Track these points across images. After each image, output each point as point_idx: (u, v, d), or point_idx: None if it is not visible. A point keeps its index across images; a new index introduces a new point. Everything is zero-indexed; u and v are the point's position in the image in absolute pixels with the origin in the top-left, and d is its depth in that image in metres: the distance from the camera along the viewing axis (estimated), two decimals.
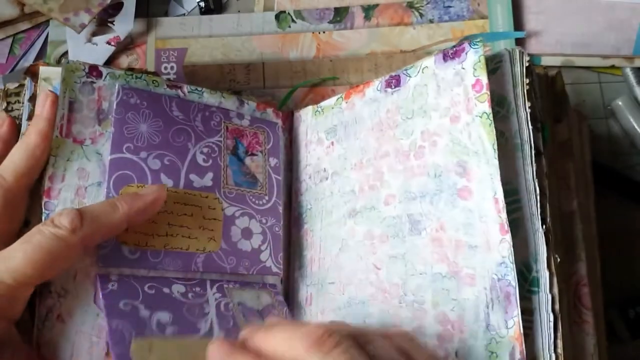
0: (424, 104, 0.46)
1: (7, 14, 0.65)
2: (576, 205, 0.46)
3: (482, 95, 0.43)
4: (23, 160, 0.43)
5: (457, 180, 0.43)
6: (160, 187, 0.44)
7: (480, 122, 0.42)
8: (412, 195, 0.45)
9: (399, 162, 0.46)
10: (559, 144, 0.48)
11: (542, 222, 0.41)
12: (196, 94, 0.50)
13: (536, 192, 0.41)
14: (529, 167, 0.42)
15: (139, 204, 0.42)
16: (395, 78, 0.48)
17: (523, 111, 0.43)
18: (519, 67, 0.44)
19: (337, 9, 0.65)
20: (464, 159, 0.43)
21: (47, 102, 0.45)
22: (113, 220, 0.41)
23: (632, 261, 0.57)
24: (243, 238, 0.48)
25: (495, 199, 0.41)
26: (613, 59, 0.61)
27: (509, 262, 0.39)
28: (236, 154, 0.50)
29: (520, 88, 0.44)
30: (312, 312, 0.48)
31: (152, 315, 0.41)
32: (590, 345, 0.42)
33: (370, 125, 0.49)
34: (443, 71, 0.45)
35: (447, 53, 0.45)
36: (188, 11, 0.67)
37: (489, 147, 0.42)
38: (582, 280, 0.43)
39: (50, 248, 0.38)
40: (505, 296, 0.39)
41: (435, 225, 0.43)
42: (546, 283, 0.40)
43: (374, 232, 0.46)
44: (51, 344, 0.41)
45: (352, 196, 0.49)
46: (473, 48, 0.44)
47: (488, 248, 0.41)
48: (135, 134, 0.46)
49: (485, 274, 0.40)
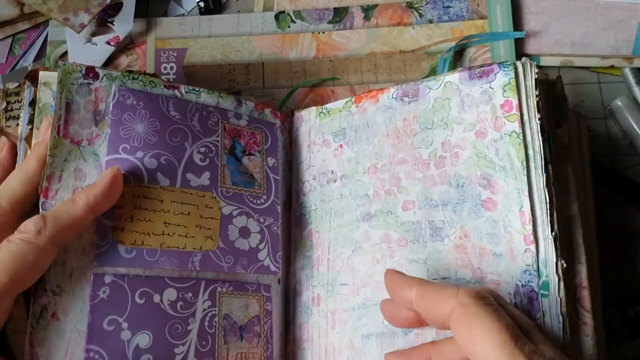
0: (445, 116, 0.48)
1: (7, 14, 0.65)
2: (576, 210, 0.46)
3: (512, 116, 0.45)
4: (20, 186, 0.43)
5: (481, 191, 0.45)
6: (111, 168, 0.44)
7: (510, 140, 0.45)
8: (434, 203, 0.47)
9: (417, 169, 0.48)
10: (559, 148, 0.48)
11: (551, 229, 0.43)
12: (193, 94, 0.50)
13: (546, 201, 0.43)
14: (540, 177, 0.44)
15: (96, 190, 0.42)
16: (414, 89, 0.50)
17: (535, 123, 0.45)
18: (531, 80, 0.46)
19: (336, 9, 0.65)
20: (489, 173, 0.45)
21: (48, 129, 0.45)
22: (75, 213, 0.41)
23: (631, 261, 0.57)
24: (241, 237, 0.48)
25: (521, 212, 0.43)
26: (612, 59, 0.61)
27: (532, 270, 0.42)
28: (233, 154, 0.50)
29: (532, 100, 0.45)
30: (320, 312, 0.49)
31: (133, 338, 0.42)
32: (589, 346, 0.43)
33: (385, 131, 0.50)
34: (468, 88, 0.47)
35: (474, 73, 0.47)
36: (187, 11, 0.67)
37: (518, 164, 0.44)
38: (582, 283, 0.44)
39: (21, 253, 0.39)
40: (528, 301, 0.42)
41: (459, 233, 0.45)
42: (556, 287, 0.42)
43: (391, 236, 0.47)
44: (45, 341, 0.41)
45: (366, 200, 0.49)
46: (503, 70, 0.46)
47: (512, 257, 0.43)
48: (132, 135, 0.46)
49: (510, 280, 0.43)
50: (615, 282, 0.55)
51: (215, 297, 0.46)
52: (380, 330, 0.46)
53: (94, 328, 0.41)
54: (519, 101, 0.45)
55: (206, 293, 0.46)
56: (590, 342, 0.43)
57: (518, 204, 0.44)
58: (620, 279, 0.56)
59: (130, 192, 0.45)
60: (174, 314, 0.44)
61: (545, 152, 0.44)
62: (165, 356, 0.43)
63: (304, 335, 0.49)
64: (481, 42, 0.62)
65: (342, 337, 0.47)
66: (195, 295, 0.45)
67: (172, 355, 0.43)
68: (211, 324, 0.45)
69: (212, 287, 0.46)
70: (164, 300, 0.44)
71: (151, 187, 0.45)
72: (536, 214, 0.43)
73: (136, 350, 0.42)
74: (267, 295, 0.49)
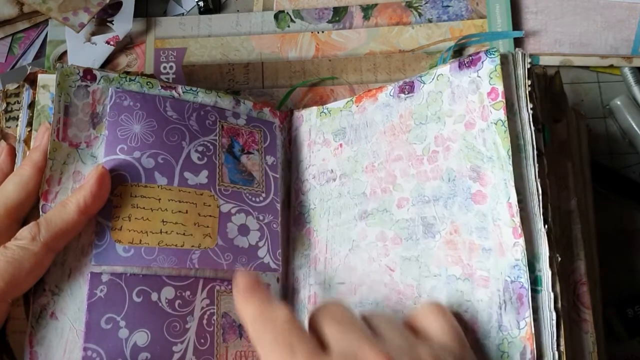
0: (438, 110, 0.47)
1: (6, 14, 0.65)
2: (575, 205, 0.46)
3: (498, 103, 0.44)
4: (15, 192, 0.43)
5: (471, 184, 0.44)
6: (96, 167, 0.44)
7: (496, 129, 0.44)
8: (426, 199, 0.46)
9: (411, 166, 0.47)
10: (557, 143, 0.48)
11: (544, 222, 0.42)
12: (191, 94, 0.50)
13: (538, 192, 0.42)
14: (532, 168, 0.43)
15: (84, 191, 0.43)
16: (409, 84, 0.49)
17: (526, 112, 0.44)
18: (522, 69, 0.45)
19: (335, 9, 0.65)
20: (478, 164, 0.44)
21: (45, 135, 0.45)
22: (67, 216, 0.42)
23: (630, 260, 0.57)
24: (240, 234, 0.48)
25: (509, 203, 0.42)
26: (611, 58, 0.61)
27: (522, 264, 0.41)
28: (232, 152, 0.50)
29: (522, 90, 0.45)
30: None
31: (131, 337, 0.42)
32: (589, 344, 0.42)
33: (382, 129, 0.50)
34: (458, 79, 0.46)
35: (463, 62, 0.46)
36: (187, 11, 0.67)
37: (504, 154, 0.43)
38: (581, 279, 0.44)
39: (16, 258, 0.40)
40: (517, 297, 0.41)
41: (449, 229, 0.44)
42: (549, 282, 0.41)
43: (386, 234, 0.47)
44: (44, 341, 0.41)
45: (363, 198, 0.49)
46: (489, 57, 0.45)
47: (501, 251, 0.42)
48: (129, 135, 0.46)
49: (499, 276, 0.41)
50: (614, 281, 0.55)
51: (214, 296, 0.46)
52: None
53: (91, 327, 0.41)
54: (505, 89, 0.44)
55: (204, 291, 0.46)
56: (589, 339, 0.42)
57: (505, 195, 0.42)
58: (619, 278, 0.56)
59: (127, 191, 0.45)
60: (172, 312, 0.44)
61: (539, 143, 0.43)
62: (164, 354, 0.43)
63: None
64: (480, 41, 0.62)
65: None
66: (193, 293, 0.45)
67: (170, 353, 0.43)
68: (210, 322, 0.45)
69: (210, 286, 0.46)
70: (162, 299, 0.44)
71: (149, 186, 0.45)
72: (528, 206, 0.42)
73: (134, 348, 0.42)
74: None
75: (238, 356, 0.46)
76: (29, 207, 0.44)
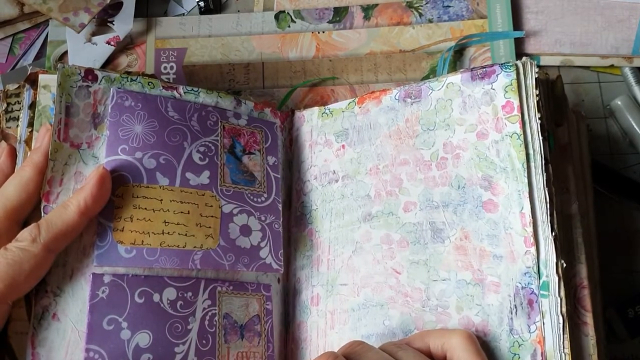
0: (447, 117, 0.48)
1: (7, 14, 0.65)
2: (576, 209, 0.46)
3: (514, 117, 0.45)
4: (15, 194, 0.43)
5: (482, 193, 0.45)
6: (97, 169, 0.44)
7: (511, 142, 0.45)
8: (435, 204, 0.47)
9: (419, 171, 0.48)
10: (559, 147, 0.48)
11: (551, 229, 0.43)
12: (192, 94, 0.50)
13: (546, 200, 0.43)
14: (540, 177, 0.44)
15: (85, 193, 0.42)
16: (416, 90, 0.50)
17: (535, 122, 0.45)
18: (531, 79, 0.46)
19: (336, 9, 0.65)
20: (490, 174, 0.45)
21: (46, 135, 0.45)
22: (67, 218, 0.42)
23: (630, 261, 0.57)
24: (242, 235, 0.48)
25: (522, 213, 0.43)
26: (612, 58, 0.61)
27: (533, 272, 0.42)
28: (233, 153, 0.50)
29: (532, 99, 0.45)
30: (319, 312, 0.49)
31: (133, 338, 0.42)
32: (589, 346, 0.43)
33: (387, 132, 0.50)
34: (470, 89, 0.47)
35: (476, 74, 0.47)
36: (187, 11, 0.67)
37: (519, 165, 0.44)
38: (582, 283, 0.44)
39: (16, 260, 0.40)
40: (528, 303, 0.42)
41: (459, 235, 0.45)
42: (556, 287, 0.42)
43: (392, 237, 0.48)
44: (46, 342, 0.41)
45: (368, 200, 0.49)
46: (505, 71, 0.46)
47: (513, 258, 0.43)
48: (130, 135, 0.46)
49: (510, 282, 0.43)
50: (614, 281, 0.55)
51: (215, 297, 0.46)
52: (380, 331, 0.46)
53: (93, 328, 0.41)
54: (519, 102, 0.45)
55: (206, 292, 0.46)
56: (590, 341, 0.43)
57: (519, 205, 0.44)
58: (620, 279, 0.56)
59: (129, 192, 0.45)
60: (174, 313, 0.44)
61: (546, 152, 0.44)
62: (166, 355, 0.43)
63: (303, 335, 0.49)
64: (481, 41, 0.62)
65: (342, 337, 0.47)
66: (195, 294, 0.45)
67: (172, 354, 0.43)
68: (211, 323, 0.45)
69: (212, 287, 0.46)
70: (164, 300, 0.44)
71: (150, 187, 0.45)
72: (536, 214, 0.43)
73: (136, 349, 0.42)
74: (267, 294, 0.49)
75: (240, 357, 0.46)
76: (30, 209, 0.44)
